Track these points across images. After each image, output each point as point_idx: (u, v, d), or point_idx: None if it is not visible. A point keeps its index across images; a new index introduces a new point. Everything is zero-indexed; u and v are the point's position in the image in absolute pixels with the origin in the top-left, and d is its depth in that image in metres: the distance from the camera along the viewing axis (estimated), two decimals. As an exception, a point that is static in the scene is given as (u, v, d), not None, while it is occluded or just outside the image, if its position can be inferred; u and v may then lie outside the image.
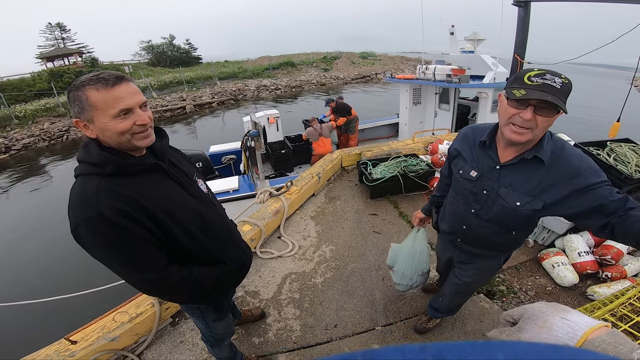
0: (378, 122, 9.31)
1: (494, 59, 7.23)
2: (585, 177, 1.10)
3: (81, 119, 0.96)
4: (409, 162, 4.02)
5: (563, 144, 1.17)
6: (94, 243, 0.96)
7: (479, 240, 1.47)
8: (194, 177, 1.26)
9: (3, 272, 5.70)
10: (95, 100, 0.91)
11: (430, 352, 0.22)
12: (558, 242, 2.85)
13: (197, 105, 19.91)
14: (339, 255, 2.90)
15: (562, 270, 2.54)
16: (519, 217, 1.27)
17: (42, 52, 30.23)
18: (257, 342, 2.14)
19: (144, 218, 0.99)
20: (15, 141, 14.36)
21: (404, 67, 31.89)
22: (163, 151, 1.12)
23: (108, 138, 0.97)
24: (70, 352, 1.83)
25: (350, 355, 0.22)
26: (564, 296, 2.46)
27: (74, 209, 0.95)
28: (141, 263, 1.03)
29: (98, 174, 0.96)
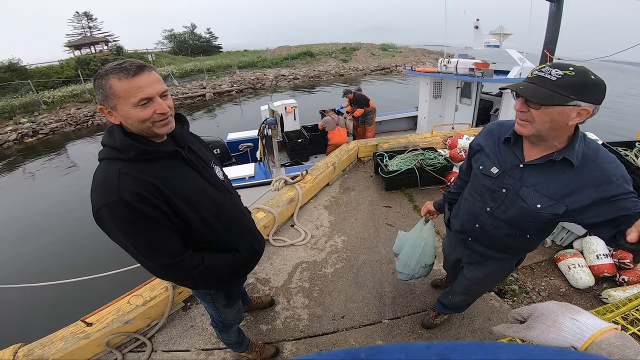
0: (396, 115, 9.19)
1: (521, 54, 6.98)
2: (616, 185, 1.04)
3: (105, 107, 0.99)
4: (426, 155, 3.97)
5: (597, 148, 1.10)
6: (113, 227, 0.99)
7: (491, 241, 1.42)
8: (212, 163, 1.28)
9: (27, 254, 5.96)
10: (117, 89, 0.94)
11: (435, 350, 0.22)
12: (576, 244, 2.76)
13: (216, 93, 20.14)
14: (351, 247, 2.92)
15: (578, 272, 2.47)
16: (537, 221, 1.21)
17: (70, 40, 31.10)
18: (264, 329, 2.19)
19: (162, 204, 1.02)
20: (43, 125, 14.96)
21: (425, 59, 31.13)
22: (183, 138, 1.15)
23: (130, 125, 1.00)
24: (85, 334, 1.92)
25: (355, 351, 0.22)
26: (577, 298, 2.40)
27: (97, 192, 0.99)
28: (157, 248, 1.07)
29: (120, 159, 1.00)
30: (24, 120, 15.13)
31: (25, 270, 5.38)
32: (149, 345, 2.06)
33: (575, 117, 1.00)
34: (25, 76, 19.53)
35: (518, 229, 1.30)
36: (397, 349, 0.22)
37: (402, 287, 2.48)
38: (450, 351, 0.22)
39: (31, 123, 14.97)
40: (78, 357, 1.92)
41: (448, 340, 1.42)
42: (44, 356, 1.82)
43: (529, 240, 1.34)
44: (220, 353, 2.03)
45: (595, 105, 0.98)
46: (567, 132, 1.07)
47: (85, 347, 1.92)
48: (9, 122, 14.99)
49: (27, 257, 5.82)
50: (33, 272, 5.26)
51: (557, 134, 1.07)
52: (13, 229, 6.86)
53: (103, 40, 31.29)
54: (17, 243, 6.32)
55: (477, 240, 1.48)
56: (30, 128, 14.52)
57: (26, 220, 7.20)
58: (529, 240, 1.34)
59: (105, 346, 1.98)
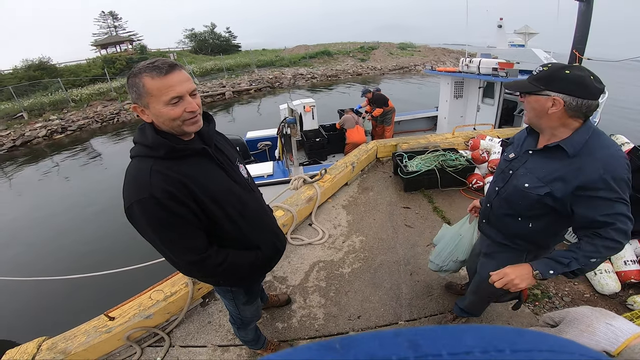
0: (415, 115, 9.03)
1: (548, 54, 6.72)
2: (600, 181, 1.08)
3: (139, 105, 1.01)
4: (447, 156, 3.87)
5: (608, 145, 1.13)
6: (144, 223, 1.02)
7: (497, 222, 1.49)
8: (236, 162, 1.30)
9: (56, 247, 6.21)
10: (150, 87, 0.96)
11: (404, 337, 0.23)
12: None
13: (235, 91, 20.42)
14: (368, 247, 2.88)
15: (604, 278, 2.38)
16: (524, 200, 1.29)
17: (96, 39, 32.25)
18: (280, 327, 2.19)
19: (190, 201, 1.04)
20: (71, 122, 15.60)
21: (445, 59, 30.46)
22: (210, 136, 1.17)
23: (162, 123, 1.03)
24: (107, 328, 1.96)
25: (329, 342, 0.23)
26: (602, 304, 2.31)
27: (129, 189, 1.02)
28: (184, 244, 1.09)
29: (152, 157, 1.02)
30: (54, 118, 15.83)
31: (56, 264, 5.57)
32: (167, 340, 2.09)
33: (552, 107, 1.12)
34: (55, 74, 20.41)
35: (512, 208, 1.38)
36: (370, 337, 0.23)
37: (420, 289, 2.44)
38: (419, 337, 0.23)
39: (60, 120, 15.66)
40: (99, 351, 1.98)
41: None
42: (66, 350, 1.87)
43: (529, 229, 1.36)
44: (236, 350, 2.04)
45: (572, 97, 1.08)
46: (555, 123, 1.16)
47: (107, 341, 1.97)
48: (39, 119, 15.71)
49: (58, 251, 6.05)
50: (61, 266, 5.44)
51: (546, 123, 1.18)
52: (45, 225, 7.14)
53: (128, 40, 32.27)
54: (50, 237, 6.59)
55: (488, 222, 1.54)
56: (60, 125, 15.19)
57: (56, 216, 7.47)
58: (530, 229, 1.36)
59: (125, 340, 2.02)
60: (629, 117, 12.78)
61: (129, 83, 1.00)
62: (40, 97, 17.46)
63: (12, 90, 16.64)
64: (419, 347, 0.22)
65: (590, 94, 1.08)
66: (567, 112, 1.11)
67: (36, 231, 6.86)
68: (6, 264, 5.75)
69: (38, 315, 4.47)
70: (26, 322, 4.37)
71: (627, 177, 1.10)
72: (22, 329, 4.22)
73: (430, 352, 0.22)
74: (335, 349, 0.22)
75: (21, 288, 4.75)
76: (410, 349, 0.22)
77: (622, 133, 3.63)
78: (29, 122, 15.44)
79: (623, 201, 1.10)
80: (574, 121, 1.14)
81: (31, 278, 3.47)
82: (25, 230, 6.97)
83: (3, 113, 15.81)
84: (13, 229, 7.08)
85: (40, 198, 8.65)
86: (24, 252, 6.10)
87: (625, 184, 1.09)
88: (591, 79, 1.08)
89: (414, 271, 2.59)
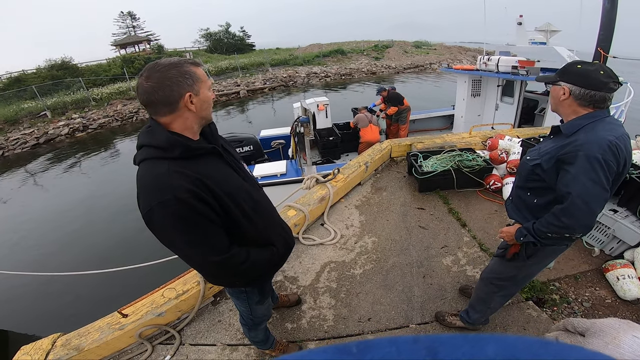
0: (431, 114, 8.86)
1: (571, 52, 6.48)
2: (574, 156, 1.21)
3: (193, 92, 1.02)
4: (464, 156, 3.76)
5: (601, 130, 1.21)
6: (166, 225, 1.00)
7: (514, 196, 1.60)
8: (240, 160, 1.30)
9: (72, 243, 6.38)
10: (200, 74, 1.04)
11: (422, 344, 0.22)
12: (627, 254, 2.54)
13: (250, 90, 20.60)
14: (381, 248, 2.83)
15: (627, 284, 2.28)
16: (524, 170, 1.48)
17: (115, 39, 33.05)
18: (289, 328, 2.17)
19: (211, 199, 1.03)
20: (92, 121, 16.09)
21: (462, 57, 29.92)
22: (214, 136, 1.18)
23: (204, 110, 1.07)
24: (120, 325, 1.99)
25: (345, 346, 0.23)
26: (622, 310, 2.20)
27: (147, 192, 0.99)
28: (208, 245, 1.07)
29: (166, 158, 1.00)
30: (76, 116, 16.34)
31: (71, 260, 5.73)
32: (178, 338, 2.10)
33: (563, 95, 1.29)
34: (77, 74, 21.02)
35: (519, 179, 1.54)
36: (387, 343, 0.23)
37: (433, 292, 2.38)
38: (438, 344, 0.22)
39: (82, 118, 16.14)
40: (111, 348, 2.00)
41: None
42: (80, 346, 1.90)
43: (534, 204, 1.46)
44: (244, 349, 2.04)
45: (577, 87, 1.23)
46: (568, 110, 1.31)
47: (119, 338, 1.99)
48: (62, 118, 16.24)
49: (73, 247, 6.22)
50: (77, 261, 5.60)
51: (562, 110, 1.34)
52: (64, 222, 7.36)
53: (146, 40, 32.93)
54: (68, 233, 6.77)
55: (511, 200, 1.64)
56: (81, 123, 15.69)
57: (73, 212, 7.70)
58: (535, 204, 1.46)
59: (137, 338, 2.04)
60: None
61: (179, 72, 0.99)
62: (62, 96, 18.02)
63: (35, 89, 17.24)
64: (437, 355, 0.22)
65: (593, 85, 1.21)
66: (576, 101, 1.26)
67: (56, 227, 7.07)
68: (24, 261, 5.94)
69: (53, 310, 4.60)
70: (41, 317, 4.50)
71: (603, 158, 1.15)
72: (38, 323, 4.36)
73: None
74: (352, 353, 0.22)
75: (38, 283, 4.90)
76: (429, 356, 0.22)
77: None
78: (52, 120, 15.99)
79: (589, 181, 1.17)
80: (583, 109, 1.27)
81: (46, 273, 3.56)
82: (47, 225, 7.19)
83: (27, 112, 16.38)
84: (32, 225, 7.30)
85: (61, 195, 8.94)
86: (44, 247, 6.29)
87: (598, 164, 1.16)
88: (600, 73, 1.20)
89: (427, 274, 2.52)
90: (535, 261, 1.56)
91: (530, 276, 1.75)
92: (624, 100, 7.34)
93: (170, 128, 1.04)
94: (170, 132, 1.03)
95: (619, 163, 1.20)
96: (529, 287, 2.33)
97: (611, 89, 1.21)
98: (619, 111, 7.29)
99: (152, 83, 0.97)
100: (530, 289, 2.32)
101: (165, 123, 1.03)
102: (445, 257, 2.70)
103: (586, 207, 1.20)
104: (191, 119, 1.06)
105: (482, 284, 1.85)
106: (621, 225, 2.50)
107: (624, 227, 2.49)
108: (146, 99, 0.99)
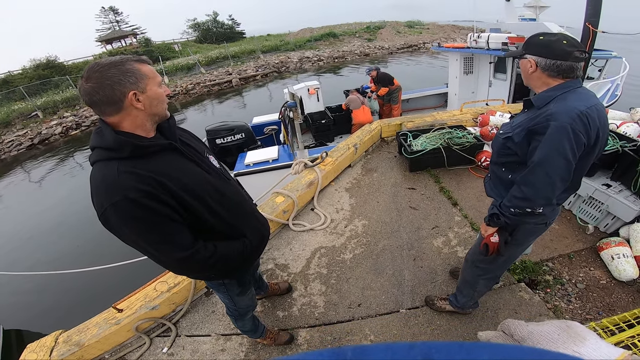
0: (425, 92, 8.77)
1: (561, 28, 6.37)
2: (544, 127, 1.18)
3: (138, 90, 0.99)
4: (454, 134, 3.71)
5: (571, 100, 1.18)
6: (123, 226, 0.99)
7: (492, 172, 1.58)
8: (205, 154, 1.27)
9: (63, 243, 6.37)
10: (146, 71, 1.01)
11: (418, 350, 0.22)
12: (623, 231, 2.43)
13: (242, 78, 20.32)
14: (371, 231, 2.81)
15: (622, 263, 2.19)
16: (497, 143, 1.46)
17: (100, 35, 32.37)
18: (281, 316, 2.18)
19: (167, 197, 1.01)
20: (84, 118, 15.89)
21: (455, 36, 29.22)
22: (172, 131, 1.14)
23: (154, 107, 1.04)
24: (117, 320, 2.02)
25: (342, 350, 0.23)
26: (618, 291, 2.14)
27: (99, 194, 0.97)
28: (170, 243, 1.06)
29: (115, 158, 0.98)
30: (67, 115, 16.14)
31: (63, 258, 5.75)
32: (174, 330, 2.13)
33: (530, 67, 1.27)
34: (64, 72, 20.67)
35: (494, 154, 1.52)
36: (383, 349, 0.23)
37: (423, 275, 2.37)
38: (434, 351, 0.22)
39: (74, 117, 15.95)
40: (111, 342, 2.04)
41: (471, 336, 1.30)
42: (80, 342, 1.95)
43: (509, 180, 1.43)
44: (237, 338, 2.06)
45: (542, 58, 1.22)
46: (538, 82, 1.29)
47: (117, 333, 2.03)
48: (54, 117, 16.05)
49: (62, 246, 6.23)
50: (69, 259, 5.62)
51: (533, 82, 1.32)
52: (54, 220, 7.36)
53: (131, 34, 32.26)
54: (56, 233, 6.77)
55: (489, 178, 1.62)
56: (74, 121, 15.52)
57: (60, 210, 7.70)
58: (509, 180, 1.43)
59: (135, 331, 2.07)
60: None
61: (118, 71, 0.96)
62: (52, 96, 17.76)
63: (23, 90, 16.97)
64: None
65: (558, 55, 1.19)
66: (544, 72, 1.24)
67: (44, 226, 7.08)
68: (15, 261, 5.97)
69: (47, 307, 4.67)
70: (37, 315, 4.57)
71: (572, 127, 1.12)
72: (36, 321, 4.43)
73: None
74: (347, 357, 0.22)
75: (30, 282, 4.95)
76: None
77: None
78: (44, 120, 15.80)
79: (554, 151, 1.16)
80: (552, 80, 1.25)
81: (35, 272, 3.59)
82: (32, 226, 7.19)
83: (18, 113, 16.17)
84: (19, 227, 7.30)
85: (56, 194, 8.92)
86: (28, 248, 6.32)
87: (565, 134, 1.13)
88: (562, 43, 1.19)
89: (418, 256, 2.51)
90: (514, 242, 1.52)
91: (512, 259, 1.71)
92: (619, 75, 7.26)
93: (121, 127, 1.02)
94: (117, 132, 1.00)
95: (589, 135, 1.16)
96: (521, 268, 2.28)
97: (577, 57, 1.18)
98: (615, 85, 7.21)
99: (92, 84, 0.94)
100: (522, 269, 2.28)
101: (113, 123, 1.01)
102: (436, 238, 2.68)
103: (546, 177, 1.20)
104: (141, 117, 1.02)
105: (467, 266, 1.82)
106: (615, 201, 2.39)
107: (618, 203, 2.38)
108: (88, 100, 0.96)
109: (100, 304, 2.26)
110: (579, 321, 1.91)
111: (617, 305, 2.03)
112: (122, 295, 2.21)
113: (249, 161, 4.87)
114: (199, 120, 13.66)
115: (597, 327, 1.69)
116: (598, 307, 2.03)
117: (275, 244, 2.77)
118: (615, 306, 2.03)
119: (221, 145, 5.66)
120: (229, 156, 5.63)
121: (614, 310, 1.99)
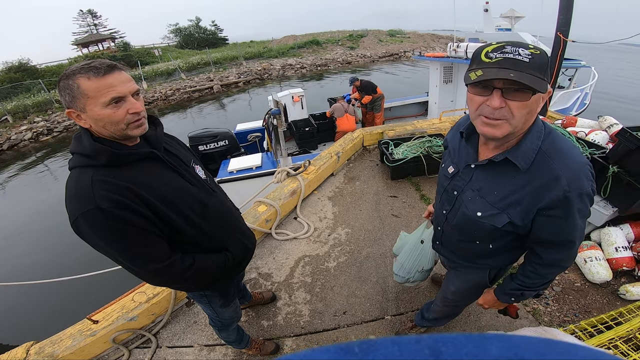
0: (406, 101, 8.98)
1: (534, 37, 6.69)
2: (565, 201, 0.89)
3: (74, 109, 0.93)
4: (433, 142, 3.83)
5: (566, 150, 0.91)
6: (94, 236, 0.95)
7: (452, 247, 1.29)
8: (191, 163, 1.24)
9: (42, 250, 6.08)
10: (86, 88, 0.90)
11: (425, 343, 0.22)
12: (594, 235, 2.56)
13: (224, 85, 20.16)
14: (355, 239, 2.85)
15: (594, 266, 2.29)
16: (480, 230, 1.07)
17: (76, 38, 31.43)
18: (265, 325, 2.17)
19: (142, 208, 0.98)
20: (57, 124, 15.27)
21: (434, 44, 30.26)
22: (157, 139, 1.11)
23: (102, 128, 0.95)
24: (92, 332, 1.95)
25: (348, 345, 0.23)
26: (593, 293, 2.24)
27: (71, 202, 0.94)
28: (143, 254, 1.02)
29: (92, 166, 0.95)
30: (38, 119, 15.47)
31: (35, 268, 5.50)
32: (154, 341, 2.08)
33: (540, 103, 0.86)
34: (36, 76, 19.89)
35: (467, 236, 1.16)
36: (390, 343, 0.23)
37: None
38: (441, 343, 0.22)
39: (45, 122, 15.30)
40: (87, 354, 1.97)
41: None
42: (54, 353, 1.87)
43: (490, 250, 1.15)
44: (222, 349, 2.03)
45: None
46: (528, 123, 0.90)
47: (93, 344, 1.96)
48: (24, 122, 15.35)
49: (33, 255, 5.94)
50: (41, 269, 5.38)
51: (525, 126, 0.90)
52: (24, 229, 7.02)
53: (109, 37, 31.53)
54: (25, 241, 6.47)
55: (442, 245, 1.35)
56: (45, 126, 14.87)
57: (36, 218, 7.35)
58: (491, 249, 1.14)
59: (112, 343, 2.01)
60: (617, 98, 12.83)
61: (60, 86, 0.92)
62: (22, 99, 17.02)
63: (-7, 93, 16.22)
64: (441, 355, 0.21)
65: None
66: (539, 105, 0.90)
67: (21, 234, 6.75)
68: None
69: (24, 319, 4.44)
70: (6, 327, 4.34)
71: (593, 189, 0.90)
72: (4, 333, 4.20)
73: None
74: (354, 353, 0.22)
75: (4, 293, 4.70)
76: (432, 356, 0.21)
77: (611, 114, 3.60)
78: (14, 125, 15.08)
79: (583, 219, 0.94)
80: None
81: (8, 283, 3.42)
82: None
83: (-14, 117, 15.40)
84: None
85: (26, 201, 8.51)
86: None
87: (590, 200, 0.91)
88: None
89: (401, 263, 2.57)
90: None
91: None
92: (588, 83, 7.65)
93: (96, 133, 0.98)
94: (96, 138, 0.97)
95: None
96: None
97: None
98: (584, 93, 7.60)
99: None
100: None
101: (87, 128, 0.98)
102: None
103: (578, 243, 1.00)
104: (102, 130, 0.97)
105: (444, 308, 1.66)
106: None
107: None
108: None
109: (73, 316, 2.19)
110: (558, 323, 2.01)
111: (592, 307, 2.12)
112: (97, 306, 2.13)
113: (232, 168, 4.84)
114: (178, 127, 13.34)
115: (577, 329, 1.76)
116: (574, 309, 2.11)
117: (258, 253, 2.76)
118: (591, 307, 2.11)
119: (204, 152, 5.60)
120: (212, 163, 5.57)
121: (590, 312, 2.08)
